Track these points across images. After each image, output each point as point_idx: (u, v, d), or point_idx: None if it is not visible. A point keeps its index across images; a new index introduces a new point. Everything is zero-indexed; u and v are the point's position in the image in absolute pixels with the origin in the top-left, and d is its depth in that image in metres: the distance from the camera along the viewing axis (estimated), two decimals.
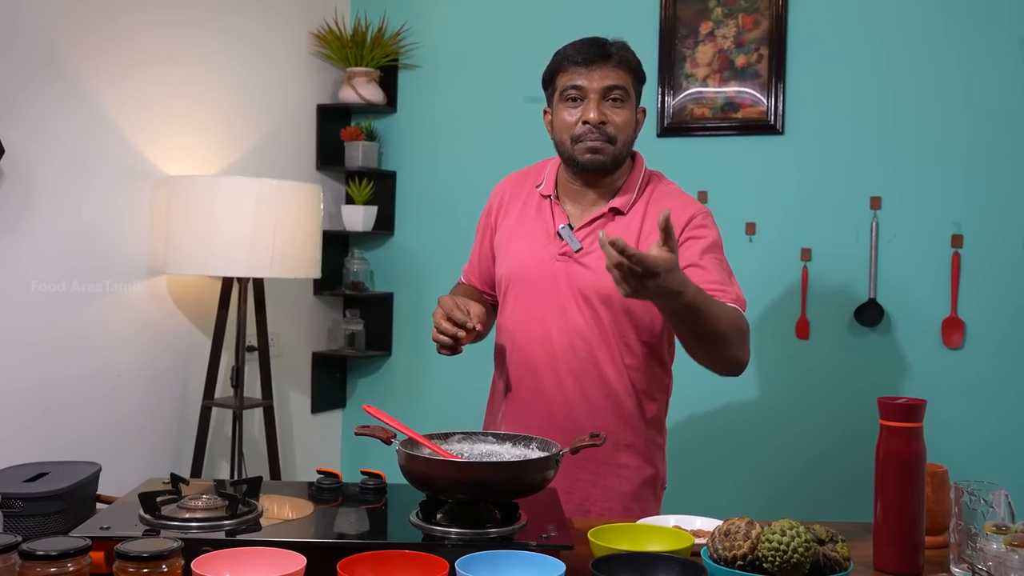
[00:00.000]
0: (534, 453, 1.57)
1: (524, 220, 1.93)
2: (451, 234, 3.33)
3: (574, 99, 1.81)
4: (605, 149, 1.80)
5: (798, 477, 3.02)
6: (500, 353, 1.94)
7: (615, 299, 1.81)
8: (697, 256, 1.78)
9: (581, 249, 1.84)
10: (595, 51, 1.80)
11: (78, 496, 1.56)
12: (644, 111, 1.89)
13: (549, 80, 1.88)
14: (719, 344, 1.68)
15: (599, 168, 1.82)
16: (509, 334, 1.91)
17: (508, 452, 1.60)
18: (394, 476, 1.60)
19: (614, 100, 1.80)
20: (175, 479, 1.56)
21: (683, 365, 3.23)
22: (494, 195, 2.03)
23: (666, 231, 1.43)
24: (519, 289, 1.88)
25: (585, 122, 1.78)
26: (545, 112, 1.92)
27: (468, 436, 1.63)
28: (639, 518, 1.68)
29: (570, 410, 1.85)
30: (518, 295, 1.89)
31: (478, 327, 1.74)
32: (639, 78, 1.86)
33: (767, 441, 3.06)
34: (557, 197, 1.91)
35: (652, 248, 1.45)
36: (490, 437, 1.62)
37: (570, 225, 1.87)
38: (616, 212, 1.86)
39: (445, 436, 1.61)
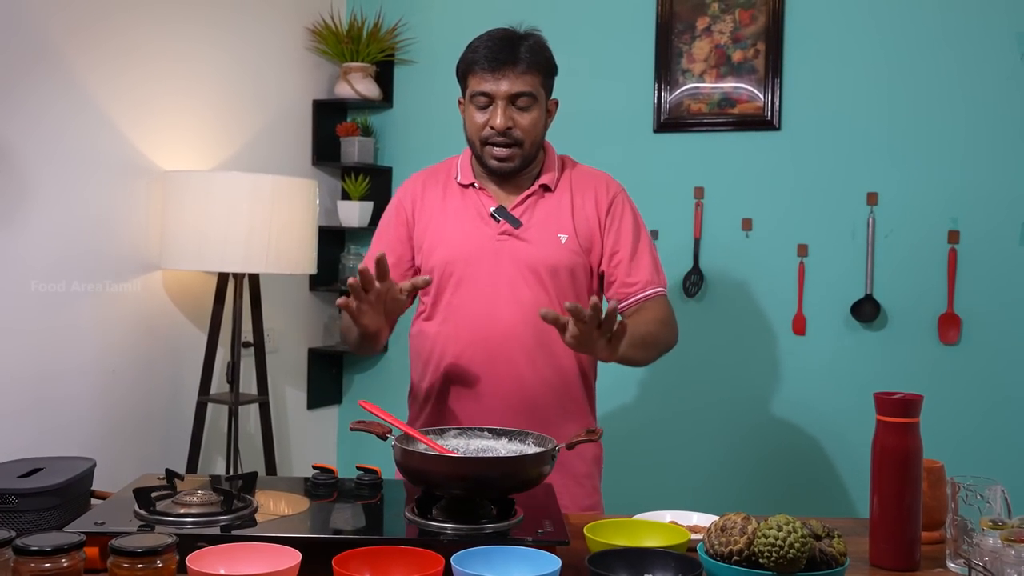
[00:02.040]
0: (530, 449, 1.57)
1: (449, 209, 1.93)
2: None
3: (482, 106, 1.85)
4: (513, 155, 1.86)
5: (795, 472, 3.03)
6: (443, 340, 1.91)
7: (561, 270, 1.87)
8: (630, 245, 1.91)
9: (521, 225, 1.88)
10: (504, 56, 1.83)
11: (73, 492, 1.55)
12: (556, 102, 1.95)
13: (462, 76, 1.92)
14: (656, 348, 1.86)
15: (509, 172, 1.89)
16: (455, 319, 1.89)
17: (504, 447, 1.60)
18: (390, 471, 1.60)
19: (520, 107, 1.85)
20: (170, 474, 1.56)
21: (680, 363, 3.24)
22: (403, 194, 1.99)
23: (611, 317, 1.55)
24: (461, 273, 1.88)
25: (492, 127, 1.83)
26: (460, 102, 1.95)
27: (464, 431, 1.63)
28: (594, 499, 1.87)
29: (524, 388, 1.87)
30: (461, 279, 1.88)
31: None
32: (550, 75, 1.91)
33: (764, 437, 3.06)
34: (479, 186, 1.93)
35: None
36: (486, 432, 1.62)
37: (502, 206, 1.90)
38: (546, 188, 1.92)
39: (440, 431, 1.61)
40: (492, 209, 1.90)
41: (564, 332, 1.58)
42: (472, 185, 1.93)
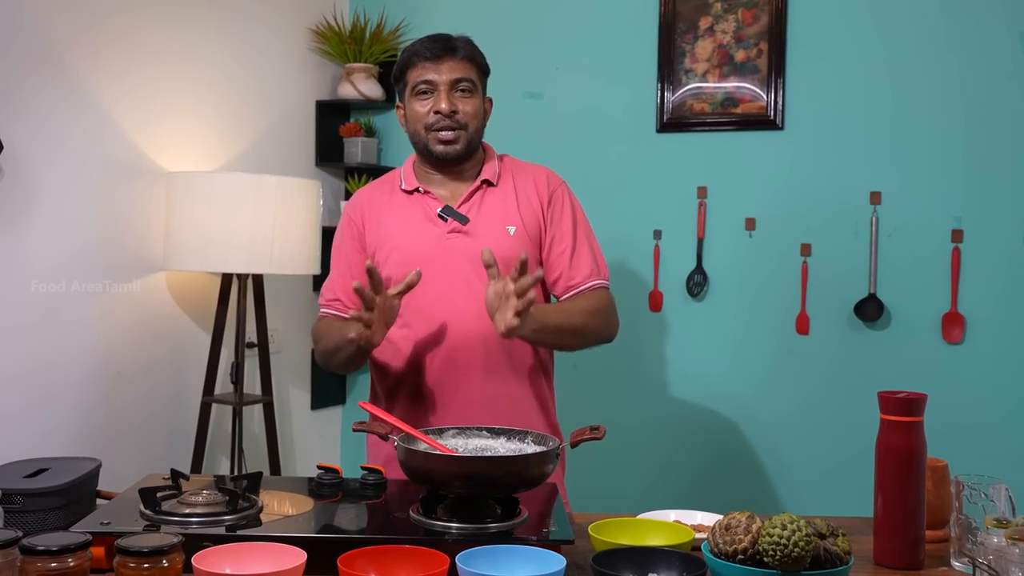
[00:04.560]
0: (530, 447, 1.57)
1: (397, 217, 1.94)
2: None
3: (425, 92, 1.89)
4: (458, 137, 1.89)
5: (798, 471, 3.03)
6: (404, 343, 1.91)
7: (512, 261, 1.87)
8: (571, 239, 1.95)
9: (469, 221, 1.90)
10: (441, 46, 1.89)
11: (78, 492, 1.56)
12: (491, 101, 2.00)
13: (400, 77, 1.95)
14: (581, 337, 1.91)
15: (455, 157, 1.91)
16: (414, 321, 1.90)
17: (503, 446, 1.60)
18: (393, 471, 1.60)
19: (463, 91, 1.89)
20: (175, 475, 1.56)
21: (683, 362, 3.24)
22: (351, 211, 2.01)
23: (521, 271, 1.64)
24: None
25: (437, 112, 1.87)
26: (398, 107, 1.99)
27: (462, 431, 1.63)
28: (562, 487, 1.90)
29: (487, 381, 1.89)
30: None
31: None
32: (484, 71, 1.96)
33: (767, 436, 3.06)
34: (424, 189, 1.95)
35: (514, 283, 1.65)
36: (484, 432, 1.63)
37: (448, 206, 1.92)
38: (488, 184, 1.95)
39: (440, 431, 1.62)
40: (439, 210, 1.92)
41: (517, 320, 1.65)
42: (417, 190, 1.95)
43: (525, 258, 1.64)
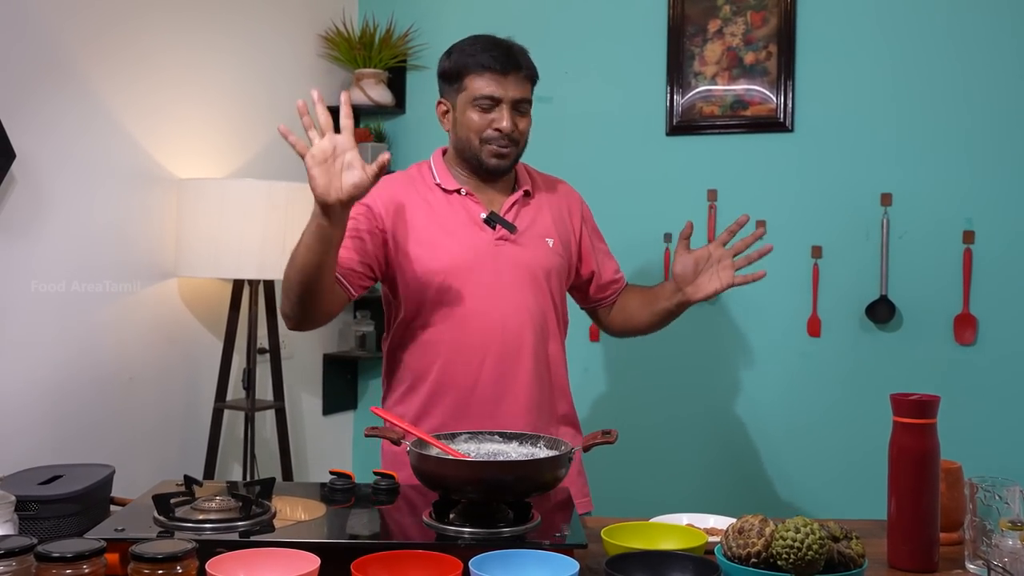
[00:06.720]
0: (542, 452, 1.57)
1: (436, 216, 1.91)
2: None
3: (487, 108, 1.88)
4: (510, 154, 1.92)
5: (811, 474, 3.02)
6: (448, 347, 1.88)
7: (552, 273, 1.95)
8: (604, 246, 2.13)
9: (517, 229, 1.92)
10: (511, 62, 1.89)
11: (92, 498, 1.56)
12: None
13: (456, 78, 1.92)
14: None
15: (504, 171, 1.94)
16: (461, 325, 1.87)
17: (515, 451, 1.60)
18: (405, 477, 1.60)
19: (521, 111, 1.92)
20: (188, 481, 1.57)
21: (695, 365, 3.23)
22: (379, 198, 1.88)
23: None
24: (461, 280, 1.87)
25: (498, 129, 1.88)
26: (440, 103, 1.97)
27: (474, 435, 1.64)
28: (583, 491, 1.97)
29: (529, 389, 1.90)
30: (463, 285, 1.87)
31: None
32: (535, 85, 1.98)
33: (779, 439, 3.05)
34: (467, 191, 1.94)
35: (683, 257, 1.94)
36: (496, 436, 1.63)
37: (494, 212, 1.92)
38: (527, 195, 1.99)
39: (452, 436, 1.62)
40: (484, 215, 1.91)
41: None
42: (458, 191, 1.94)
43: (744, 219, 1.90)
